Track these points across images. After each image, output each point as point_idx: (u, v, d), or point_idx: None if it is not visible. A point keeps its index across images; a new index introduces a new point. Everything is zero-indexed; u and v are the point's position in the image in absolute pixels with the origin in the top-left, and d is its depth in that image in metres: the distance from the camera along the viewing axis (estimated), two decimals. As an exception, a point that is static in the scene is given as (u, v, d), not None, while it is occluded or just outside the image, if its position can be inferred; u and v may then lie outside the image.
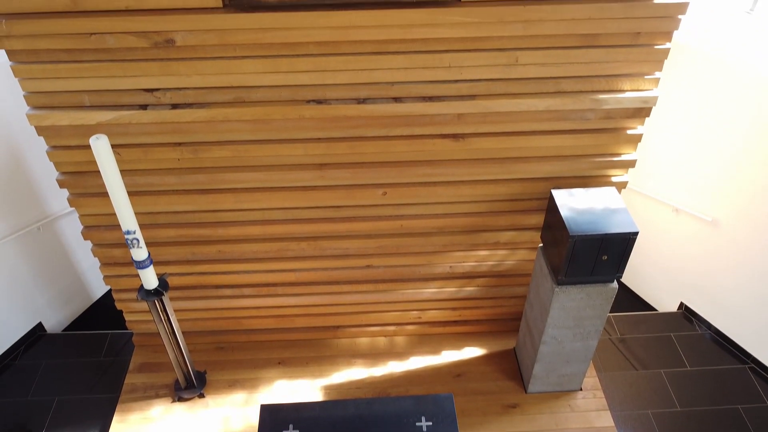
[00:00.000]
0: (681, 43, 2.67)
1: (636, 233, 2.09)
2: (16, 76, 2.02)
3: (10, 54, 1.97)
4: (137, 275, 2.43)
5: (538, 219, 2.56)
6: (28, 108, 2.11)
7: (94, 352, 3.05)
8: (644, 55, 2.06)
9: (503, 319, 3.06)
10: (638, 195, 3.20)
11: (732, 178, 2.77)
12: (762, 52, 2.53)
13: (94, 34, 1.91)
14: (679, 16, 1.97)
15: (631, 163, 2.37)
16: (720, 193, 2.84)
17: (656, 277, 3.39)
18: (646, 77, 2.13)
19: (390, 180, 2.37)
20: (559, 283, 2.27)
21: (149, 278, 2.28)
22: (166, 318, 2.42)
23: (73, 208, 2.48)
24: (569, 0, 1.91)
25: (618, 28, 1.98)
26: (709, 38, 2.66)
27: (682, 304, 3.29)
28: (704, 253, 3.05)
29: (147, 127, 2.15)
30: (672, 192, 3.06)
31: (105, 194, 2.02)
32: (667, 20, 1.97)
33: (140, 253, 2.17)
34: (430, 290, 2.87)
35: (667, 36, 2.03)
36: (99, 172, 1.91)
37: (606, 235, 2.09)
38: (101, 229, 2.49)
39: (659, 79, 2.14)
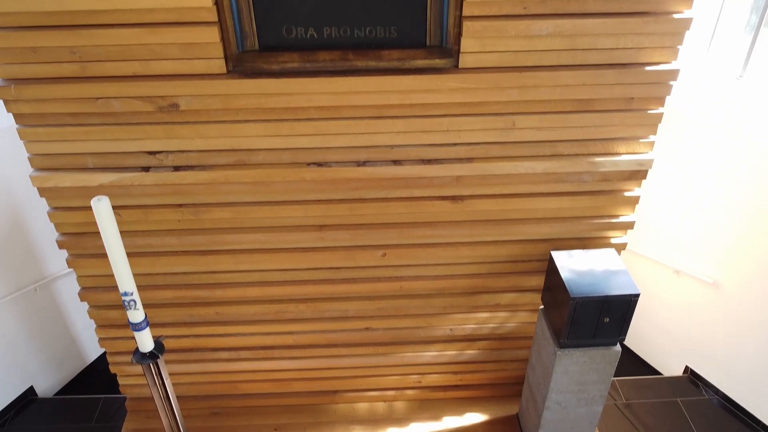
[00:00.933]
0: (675, 107, 2.73)
1: (637, 295, 2.07)
2: (21, 138, 2.05)
3: (17, 117, 2.02)
4: (133, 338, 2.39)
5: (539, 281, 2.55)
6: (31, 170, 2.14)
7: (86, 417, 2.97)
8: (638, 119, 2.11)
9: (505, 383, 3.00)
10: (638, 256, 3.20)
11: (732, 240, 2.77)
12: (754, 116, 2.58)
13: (101, 98, 1.95)
14: (671, 82, 2.02)
15: (629, 225, 2.38)
16: (720, 255, 2.84)
17: (660, 339, 3.35)
18: (641, 140, 2.17)
19: (389, 241, 2.38)
20: (562, 346, 2.24)
21: (145, 341, 2.24)
22: (160, 382, 2.37)
23: (71, 269, 2.47)
24: (563, 67, 1.97)
25: (611, 94, 2.03)
26: (702, 103, 2.72)
27: (687, 367, 3.23)
28: (707, 315, 3.02)
29: (149, 188, 2.17)
30: (672, 253, 3.06)
31: (104, 255, 2.01)
32: (659, 86, 2.03)
33: (137, 315, 2.14)
34: (430, 353, 2.82)
35: (660, 101, 2.08)
36: (99, 233, 1.91)
37: (607, 297, 2.07)
38: (98, 291, 2.48)
39: (654, 142, 2.18)
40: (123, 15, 1.80)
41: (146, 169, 2.13)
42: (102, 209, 1.86)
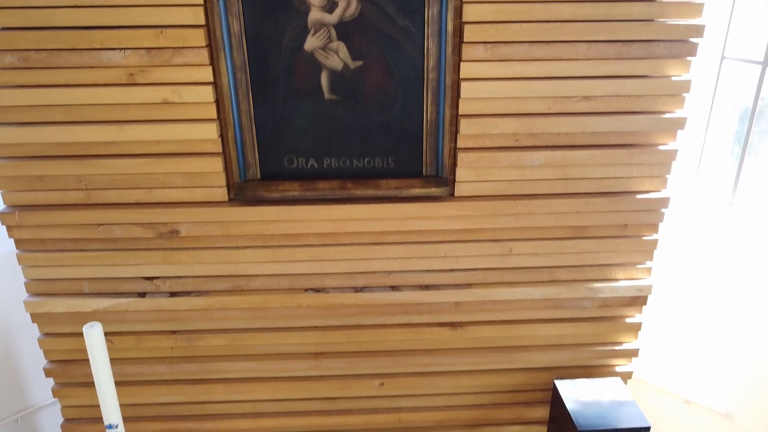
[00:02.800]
0: (672, 230, 2.77)
1: (648, 428, 1.98)
2: (20, 263, 2.06)
3: (18, 243, 2.03)
4: (114, 475, 2.24)
5: (544, 412, 2.44)
6: (26, 295, 2.12)
7: None
8: (634, 246, 2.13)
9: None
10: (645, 385, 3.09)
11: (745, 369, 2.69)
12: (746, 243, 2.61)
13: (102, 224, 1.98)
14: (663, 210, 2.07)
15: (633, 352, 2.32)
16: (732, 384, 2.75)
17: (675, 477, 3.14)
18: (638, 266, 2.18)
19: (387, 370, 2.31)
20: (571, 486, 2.09)
21: (126, 479, 2.09)
22: None
23: (55, 399, 2.37)
24: (556, 195, 2.02)
25: (605, 221, 2.07)
26: (696, 227, 2.77)
27: None
28: (723, 450, 2.86)
29: (144, 314, 2.14)
30: (681, 382, 2.96)
31: (91, 384, 1.94)
32: (652, 213, 2.07)
33: (120, 449, 2.02)
34: (431, 493, 2.63)
35: (654, 227, 2.11)
36: (88, 360, 1.86)
37: (616, 430, 1.97)
38: (82, 423, 2.36)
39: (651, 268, 2.19)
40: (130, 146, 1.88)
41: (142, 294, 2.12)
42: (93, 336, 1.82)
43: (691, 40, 1.83)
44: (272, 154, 1.96)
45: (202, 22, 1.73)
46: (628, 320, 2.27)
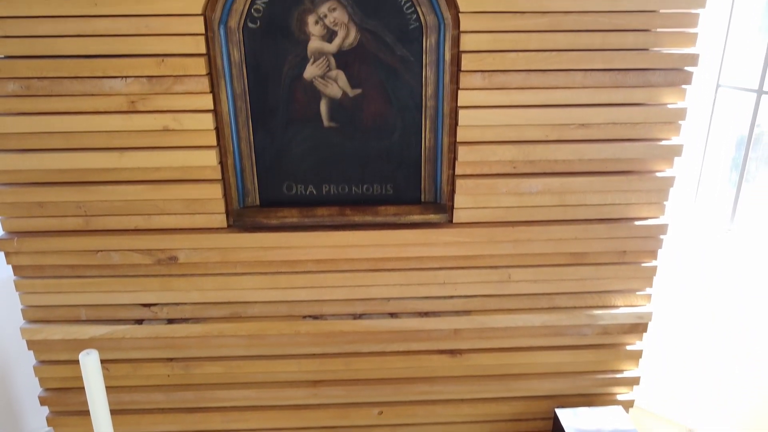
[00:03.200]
0: (671, 256, 2.77)
1: (650, 458, 1.95)
2: (18, 290, 2.05)
3: (16, 269, 2.03)
4: (107, 507, 2.20)
5: (544, 441, 2.41)
6: (23, 322, 2.11)
7: None
8: (633, 272, 2.13)
9: None
10: (648, 414, 3.05)
11: (751, 398, 2.67)
12: (744, 269, 2.61)
13: (101, 251, 1.98)
14: (661, 236, 2.07)
15: (635, 380, 2.30)
16: (735, 412, 2.72)
17: None
18: (638, 293, 2.17)
19: (386, 398, 2.28)
20: None
21: None
22: None
23: (50, 428, 2.34)
24: (554, 221, 2.02)
25: (604, 247, 2.07)
26: (695, 254, 2.76)
27: None
28: (728, 480, 2.82)
29: (141, 341, 2.13)
30: (684, 411, 2.92)
31: (86, 413, 1.93)
32: (650, 240, 2.07)
33: (114, 480, 1.99)
34: None
35: (653, 254, 2.11)
36: (84, 388, 1.84)
37: (618, 460, 1.95)
38: (76, 452, 2.33)
39: (651, 295, 2.18)
40: (130, 173, 1.89)
41: (139, 321, 2.11)
42: (90, 363, 1.80)
43: (685, 68, 1.85)
44: (271, 180, 1.97)
45: (203, 51, 1.76)
46: (628, 348, 2.26)
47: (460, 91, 1.84)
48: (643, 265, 2.12)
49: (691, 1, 1.77)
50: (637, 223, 2.04)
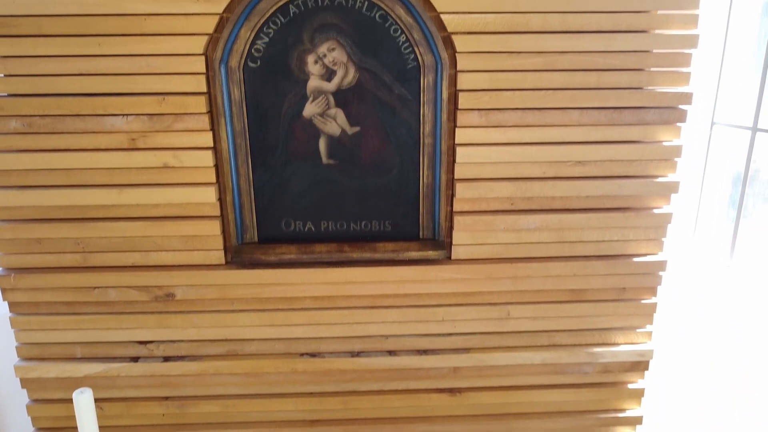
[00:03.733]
0: (672, 293, 2.76)
1: (654, 501, 1.91)
2: (13, 327, 2.03)
3: (12, 306, 2.02)
4: None
5: (546, 483, 2.35)
6: (17, 359, 2.09)
7: None
8: (632, 309, 2.11)
9: None
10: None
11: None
12: (745, 304, 2.60)
13: (98, 288, 1.97)
14: (660, 273, 2.06)
15: (637, 420, 2.26)
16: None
17: None
18: (638, 330, 2.15)
19: (384, 438, 2.24)
20: None
21: None
22: None
23: (41, 470, 2.29)
24: (553, 258, 2.02)
25: (603, 284, 2.06)
26: (696, 291, 2.75)
27: None
28: None
29: (136, 380, 2.10)
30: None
31: (78, 454, 1.88)
32: (650, 276, 2.06)
33: None
34: None
35: (652, 291, 2.10)
36: (77, 428, 1.81)
37: (622, 503, 1.90)
38: (67, 495, 2.27)
39: (651, 332, 2.16)
40: (129, 209, 1.89)
41: (135, 359, 2.08)
42: (83, 402, 1.78)
43: (680, 107, 1.87)
44: (270, 217, 1.98)
45: (204, 89, 1.78)
46: (630, 386, 2.23)
47: (457, 129, 1.86)
48: (642, 301, 2.11)
49: (684, 41, 1.81)
50: (635, 259, 2.04)
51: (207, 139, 1.83)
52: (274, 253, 1.96)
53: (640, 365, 2.18)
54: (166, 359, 2.09)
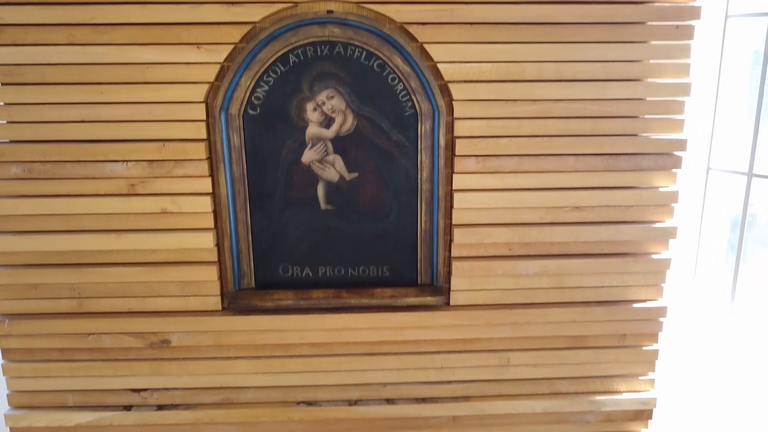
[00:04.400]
0: (673, 339, 2.72)
1: None
2: (5, 374, 2.00)
3: (5, 352, 1.99)
4: None
5: None
6: (7, 408, 2.05)
7: None
8: (634, 356, 2.08)
9: None
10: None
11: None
12: (747, 350, 2.56)
13: (93, 334, 1.95)
14: (661, 319, 2.04)
15: (642, 471, 2.21)
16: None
17: None
18: (640, 378, 2.12)
19: (383, 490, 2.18)
20: None
21: None
22: None
23: None
24: (552, 304, 2.01)
25: (603, 330, 2.04)
26: (697, 337, 2.72)
27: None
28: None
29: (128, 429, 2.05)
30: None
31: (67, 507, 1.83)
32: (650, 323, 2.04)
33: None
34: None
35: (654, 337, 2.08)
36: (65, 481, 1.76)
37: None
38: None
39: (654, 380, 2.13)
40: (126, 255, 1.89)
41: (128, 407, 2.04)
42: (72, 454, 1.74)
43: (675, 153, 1.89)
44: (267, 262, 1.97)
45: (204, 136, 1.80)
46: (634, 436, 2.18)
47: (454, 175, 1.87)
48: (644, 348, 2.08)
49: (677, 89, 1.84)
50: (635, 305, 2.02)
51: (206, 184, 1.84)
52: (271, 299, 1.94)
53: (643, 414, 2.14)
54: (160, 408, 2.04)
